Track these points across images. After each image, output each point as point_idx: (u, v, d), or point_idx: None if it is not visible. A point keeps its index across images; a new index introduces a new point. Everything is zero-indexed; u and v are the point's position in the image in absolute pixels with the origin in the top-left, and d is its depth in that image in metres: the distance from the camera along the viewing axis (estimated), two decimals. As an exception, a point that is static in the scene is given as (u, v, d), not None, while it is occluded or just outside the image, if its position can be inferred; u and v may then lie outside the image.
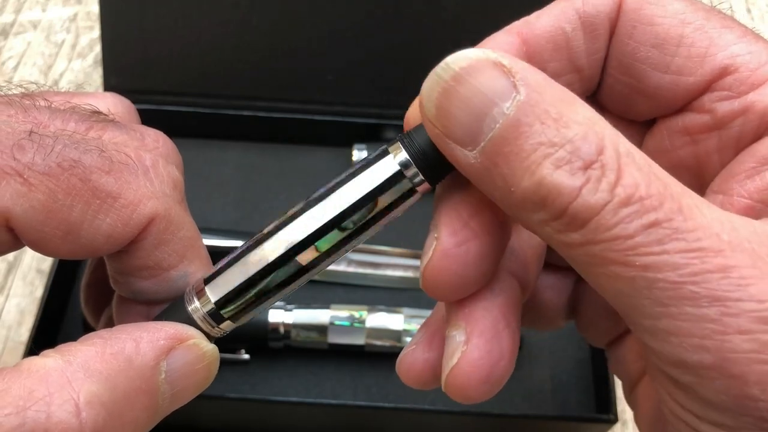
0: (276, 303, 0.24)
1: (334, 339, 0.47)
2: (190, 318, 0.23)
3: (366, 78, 0.55)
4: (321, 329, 0.47)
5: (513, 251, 0.25)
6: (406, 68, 0.53)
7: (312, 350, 0.48)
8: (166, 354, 0.22)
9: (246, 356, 0.48)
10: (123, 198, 0.23)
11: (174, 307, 0.24)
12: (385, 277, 0.52)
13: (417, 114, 0.22)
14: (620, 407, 0.45)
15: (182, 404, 0.22)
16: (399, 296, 0.51)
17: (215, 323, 0.24)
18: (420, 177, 0.21)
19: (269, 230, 0.23)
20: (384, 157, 0.22)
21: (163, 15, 0.53)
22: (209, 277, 0.24)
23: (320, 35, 0.54)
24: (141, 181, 0.23)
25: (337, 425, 0.46)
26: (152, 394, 0.21)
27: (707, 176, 0.23)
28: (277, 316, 0.47)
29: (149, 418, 0.21)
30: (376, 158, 0.22)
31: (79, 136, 0.23)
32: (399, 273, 0.52)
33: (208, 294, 0.23)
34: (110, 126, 0.24)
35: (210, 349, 0.23)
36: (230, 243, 0.49)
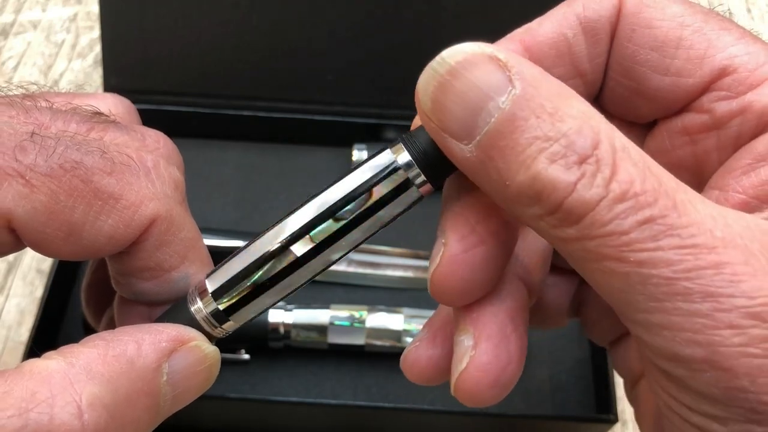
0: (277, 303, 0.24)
1: (334, 339, 0.47)
2: (193, 319, 0.24)
3: (366, 78, 0.55)
4: (321, 329, 0.47)
5: (519, 255, 0.25)
6: (406, 68, 0.53)
7: (312, 350, 0.48)
8: (168, 356, 0.22)
9: (246, 356, 0.48)
10: (124, 199, 0.23)
11: (176, 308, 0.24)
12: (385, 277, 0.52)
13: None
14: (620, 407, 0.45)
15: (183, 406, 0.23)
16: (399, 296, 0.52)
17: (218, 323, 0.24)
18: (422, 178, 0.22)
19: (269, 227, 0.23)
20: (381, 153, 0.22)
21: (163, 15, 0.53)
22: (211, 276, 0.24)
23: (320, 35, 0.54)
24: (142, 183, 0.23)
25: (337, 425, 0.46)
26: (154, 396, 0.21)
27: (706, 175, 0.23)
28: (277, 316, 0.47)
29: (151, 420, 0.21)
30: (375, 155, 0.22)
31: (81, 138, 0.23)
32: (399, 273, 0.52)
33: (208, 286, 0.23)
34: (111, 127, 0.24)
35: (211, 351, 0.23)
36: (230, 243, 0.49)
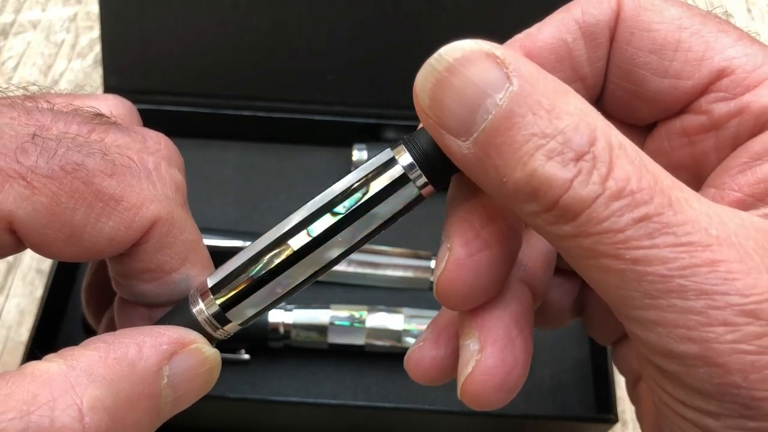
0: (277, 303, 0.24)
1: (334, 339, 0.47)
2: (195, 320, 0.24)
3: (366, 78, 0.55)
4: (321, 329, 0.47)
5: (523, 259, 0.26)
6: (406, 68, 0.52)
7: (312, 350, 0.48)
8: (169, 359, 0.22)
9: (246, 356, 0.48)
10: (126, 201, 0.23)
11: (178, 310, 0.24)
12: (385, 277, 0.52)
13: None
14: (621, 407, 0.45)
15: (184, 408, 0.23)
16: (399, 296, 0.52)
17: (219, 325, 0.24)
18: (423, 179, 0.22)
19: (270, 228, 0.23)
20: (381, 153, 0.22)
21: (163, 15, 0.53)
22: (212, 276, 0.24)
23: (320, 35, 0.54)
24: (143, 184, 0.23)
25: (337, 425, 0.46)
26: (154, 399, 0.21)
27: (705, 175, 0.24)
28: (277, 316, 0.47)
29: (151, 422, 0.21)
30: (375, 155, 0.23)
31: (82, 139, 0.23)
32: (399, 273, 0.52)
33: (208, 283, 0.24)
34: (112, 128, 0.24)
35: (212, 354, 0.23)
36: (230, 243, 0.49)
